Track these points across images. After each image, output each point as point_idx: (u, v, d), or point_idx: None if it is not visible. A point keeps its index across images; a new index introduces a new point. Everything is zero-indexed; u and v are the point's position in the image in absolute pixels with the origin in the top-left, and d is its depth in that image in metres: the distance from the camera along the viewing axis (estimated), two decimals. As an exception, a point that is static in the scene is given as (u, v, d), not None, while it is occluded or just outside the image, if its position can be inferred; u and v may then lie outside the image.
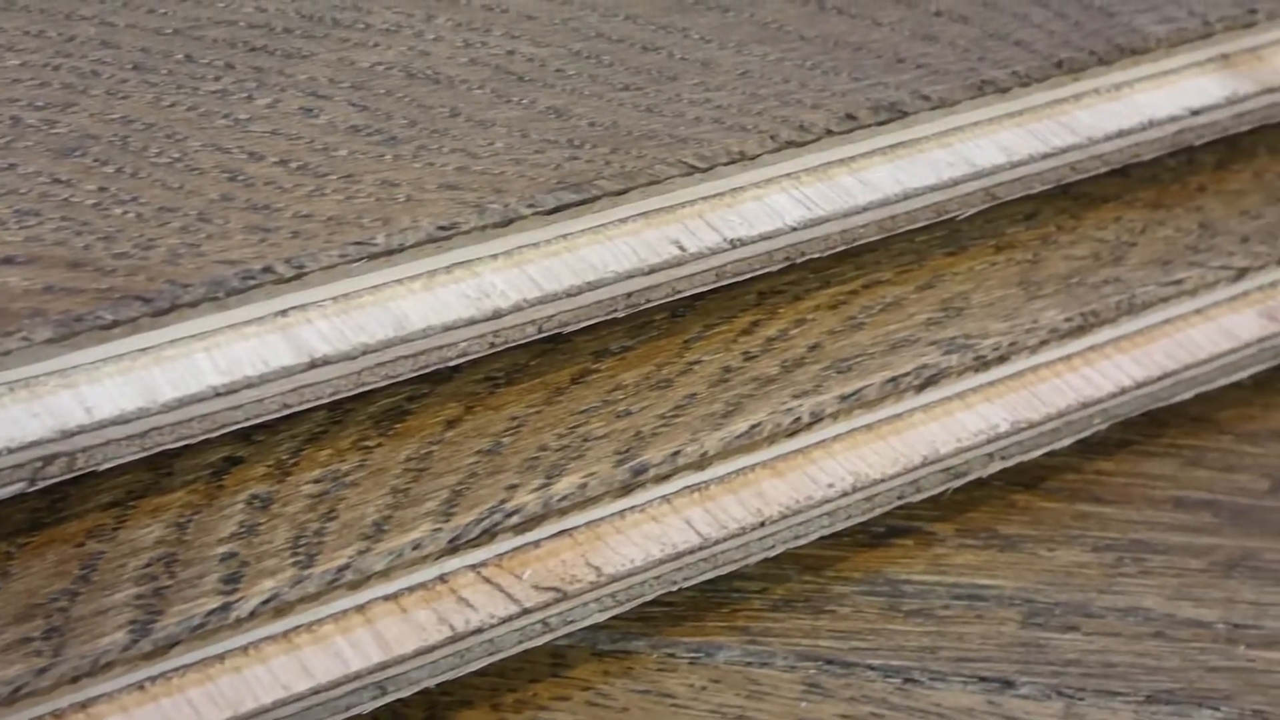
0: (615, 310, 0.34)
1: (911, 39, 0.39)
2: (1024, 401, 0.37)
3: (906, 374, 0.36)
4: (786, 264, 0.35)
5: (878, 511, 0.36)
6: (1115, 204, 0.41)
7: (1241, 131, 0.41)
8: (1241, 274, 0.40)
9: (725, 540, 0.34)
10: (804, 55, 0.38)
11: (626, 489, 0.33)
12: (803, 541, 0.35)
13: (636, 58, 0.37)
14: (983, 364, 0.37)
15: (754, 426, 0.35)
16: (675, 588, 0.34)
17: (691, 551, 0.33)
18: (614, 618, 0.34)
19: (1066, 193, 0.40)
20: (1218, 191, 0.42)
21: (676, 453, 0.34)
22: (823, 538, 0.36)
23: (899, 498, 0.36)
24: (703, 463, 0.34)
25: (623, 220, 0.34)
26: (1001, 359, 0.37)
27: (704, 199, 0.35)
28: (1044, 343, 0.38)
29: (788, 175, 0.36)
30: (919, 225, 0.37)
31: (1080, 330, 0.38)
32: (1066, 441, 0.38)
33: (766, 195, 0.35)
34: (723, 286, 0.35)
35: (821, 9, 0.39)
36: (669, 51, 0.37)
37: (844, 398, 0.36)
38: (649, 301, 0.34)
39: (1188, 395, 0.40)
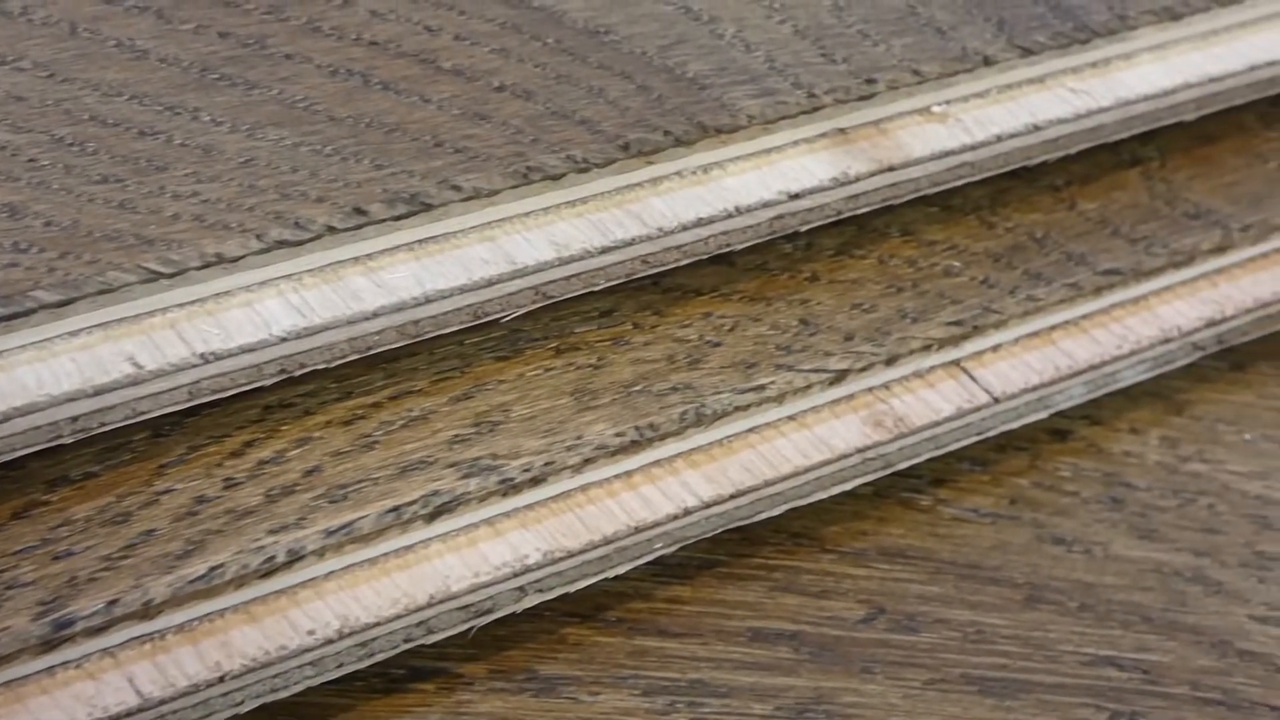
0: (60, 436, 0.30)
1: (460, 119, 0.35)
2: (564, 527, 0.33)
3: (412, 502, 0.32)
4: (283, 377, 0.32)
5: (380, 657, 0.32)
6: (709, 297, 0.37)
7: (871, 211, 0.38)
8: (840, 377, 0.36)
9: (176, 699, 0.30)
10: (326, 139, 0.34)
11: (48, 645, 0.29)
12: (287, 693, 0.31)
13: (127, 144, 0.33)
14: (511, 488, 0.33)
15: (214, 569, 0.31)
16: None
17: (130, 714, 0.29)
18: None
19: (656, 285, 0.37)
20: (831, 281, 0.38)
21: (114, 601, 0.30)
22: (333, 683, 0.32)
23: (405, 640, 0.32)
24: (149, 611, 0.30)
25: (73, 333, 0.30)
26: (535, 481, 0.33)
27: (181, 306, 0.31)
28: (589, 461, 0.34)
29: (288, 277, 0.32)
30: (457, 328, 0.33)
31: (634, 446, 0.34)
32: (622, 569, 0.34)
33: (258, 301, 0.31)
34: (222, 400, 0.32)
35: (365, 84, 0.35)
36: (168, 136, 0.33)
37: (331, 532, 0.32)
38: (104, 425, 0.30)
39: (776, 512, 0.36)
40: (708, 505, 0.34)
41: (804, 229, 0.37)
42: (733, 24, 0.38)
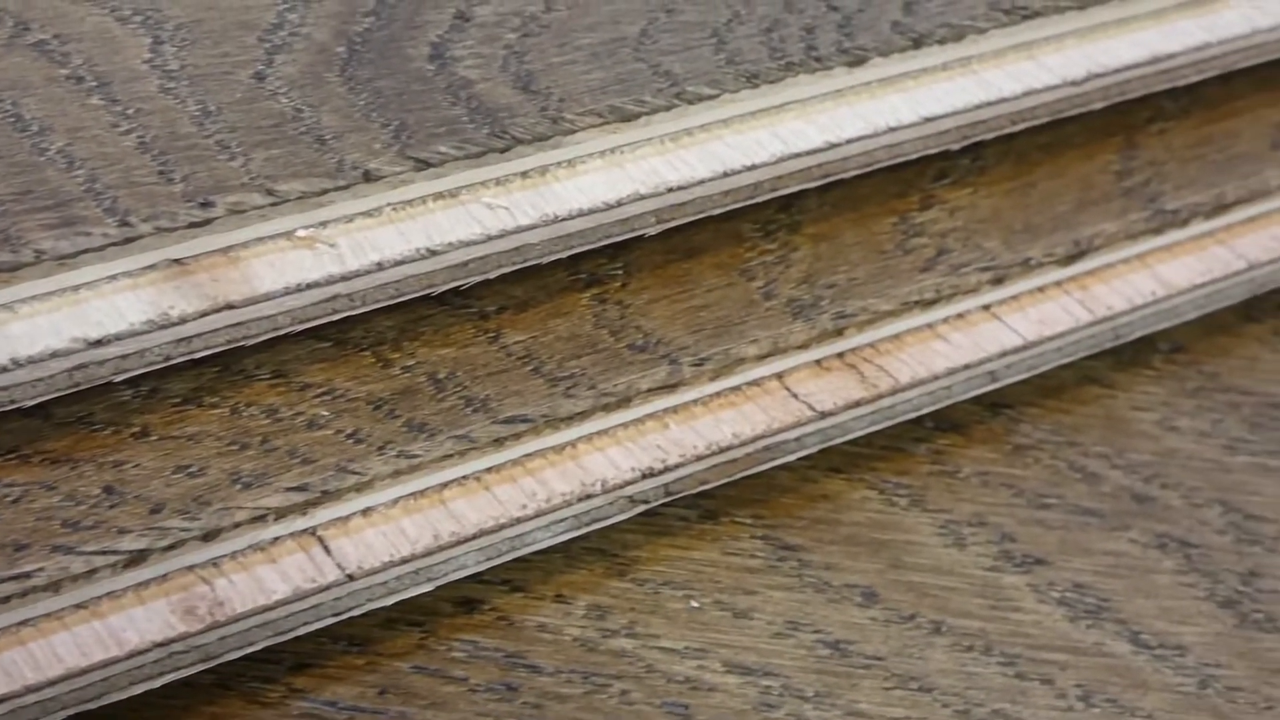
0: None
1: None
2: None
3: None
4: None
5: None
6: (7, 460, 0.32)
7: (245, 349, 0.32)
8: (139, 558, 0.31)
9: None
10: None
11: None
12: None
13: None
14: None
15: None
16: None
17: None
18: None
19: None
20: (163, 438, 0.32)
21: None
22: None
23: None
24: None
25: None
26: None
27: None
28: None
29: None
30: None
31: None
32: None
33: None
34: None
35: None
36: None
37: None
38: None
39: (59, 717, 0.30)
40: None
41: (126, 376, 0.31)
42: (65, 135, 0.33)
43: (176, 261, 0.32)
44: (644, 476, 0.35)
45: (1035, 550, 0.37)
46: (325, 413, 0.33)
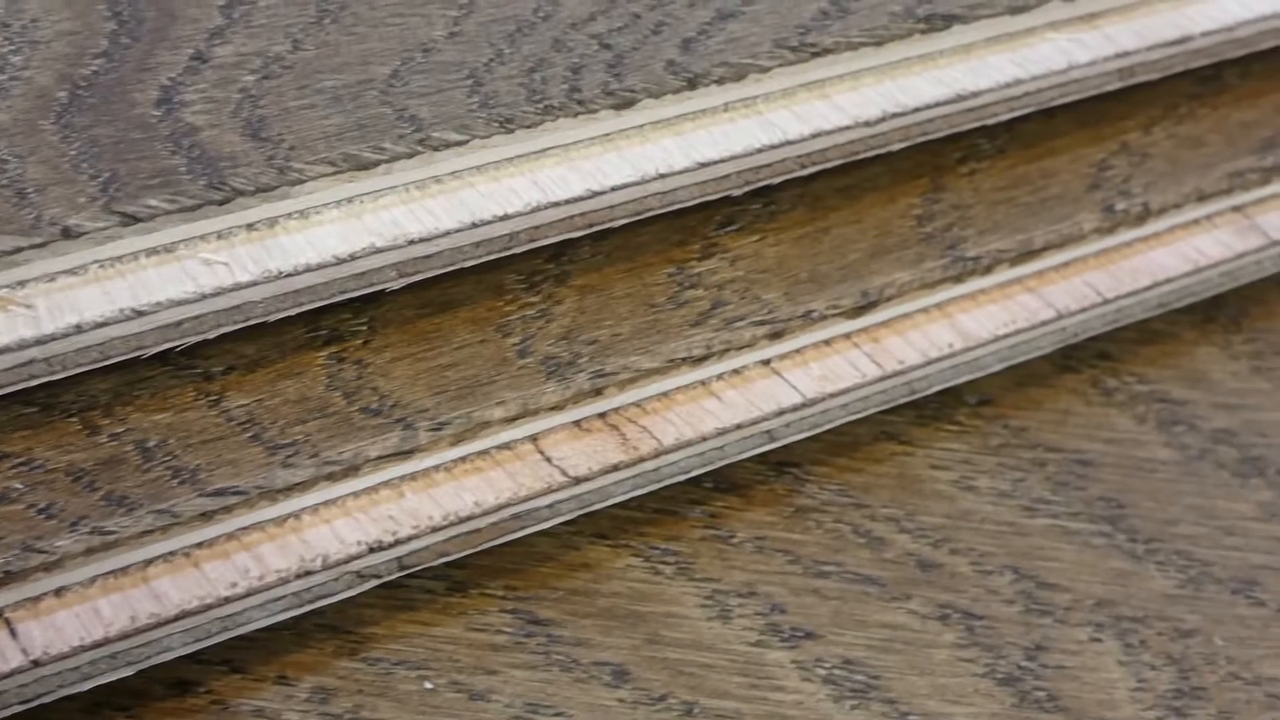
0: None
1: None
2: None
3: None
4: None
5: None
6: None
7: None
8: None
9: None
10: None
11: None
12: None
13: None
14: None
15: None
16: None
17: None
18: None
19: None
20: None
21: None
22: None
23: None
24: None
25: None
26: None
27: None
28: None
29: None
30: None
31: None
32: None
33: None
34: None
35: None
36: None
37: None
38: None
39: None
40: None
41: None
42: None
43: None
44: (371, 550, 0.33)
45: (806, 623, 0.35)
46: (19, 485, 0.31)
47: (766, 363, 0.38)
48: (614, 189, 0.35)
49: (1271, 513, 0.39)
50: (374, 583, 0.33)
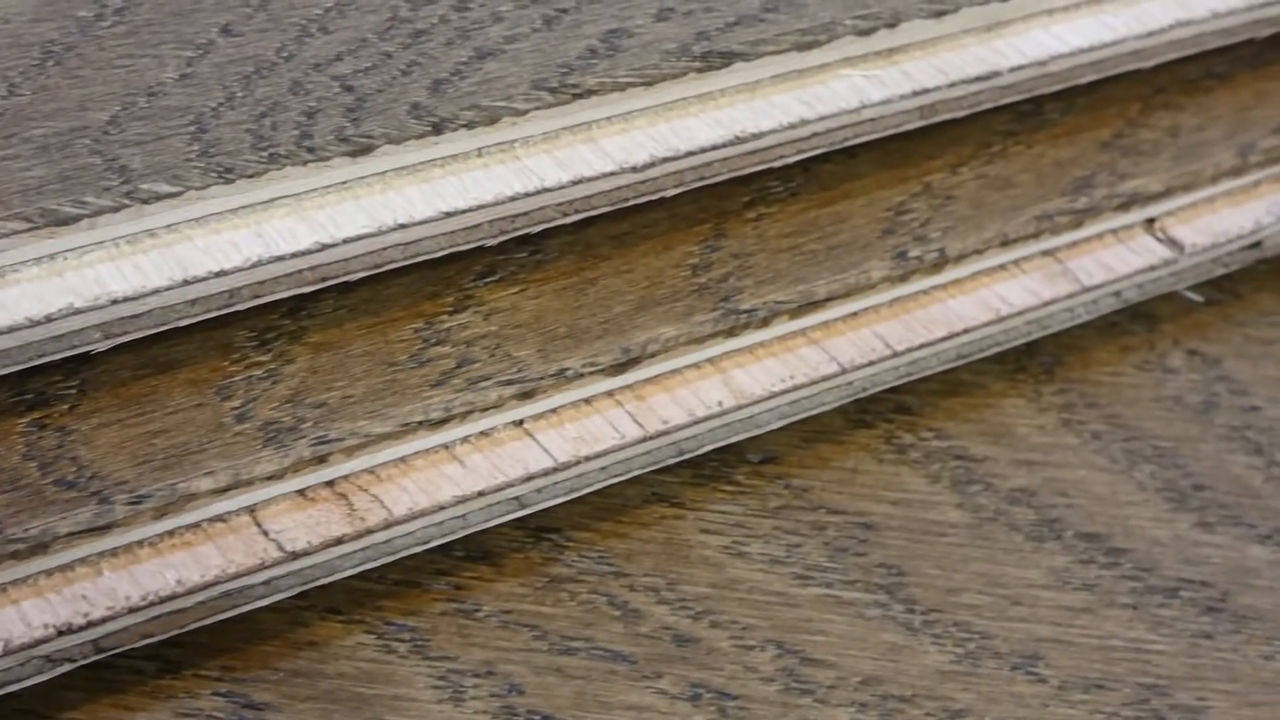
0: None
1: None
2: None
3: None
4: None
5: None
6: None
7: None
8: None
9: None
10: None
11: None
12: None
13: None
14: None
15: None
16: None
17: None
18: None
19: None
20: None
21: None
22: None
23: None
24: None
25: None
26: None
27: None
28: None
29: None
30: None
31: None
32: None
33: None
34: None
35: None
36: None
37: None
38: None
39: None
40: None
41: None
42: None
43: None
44: (60, 634, 0.31)
45: (544, 705, 0.33)
46: None
47: (519, 423, 0.35)
48: (346, 241, 0.32)
49: (1063, 580, 0.36)
50: (68, 666, 0.31)
